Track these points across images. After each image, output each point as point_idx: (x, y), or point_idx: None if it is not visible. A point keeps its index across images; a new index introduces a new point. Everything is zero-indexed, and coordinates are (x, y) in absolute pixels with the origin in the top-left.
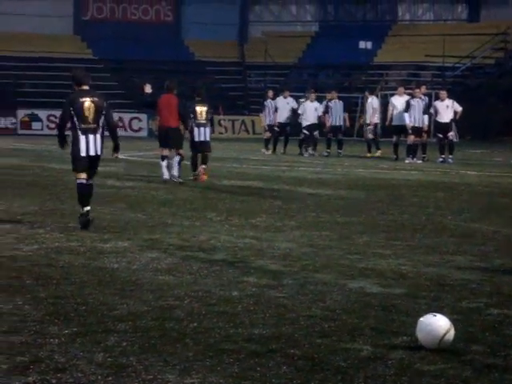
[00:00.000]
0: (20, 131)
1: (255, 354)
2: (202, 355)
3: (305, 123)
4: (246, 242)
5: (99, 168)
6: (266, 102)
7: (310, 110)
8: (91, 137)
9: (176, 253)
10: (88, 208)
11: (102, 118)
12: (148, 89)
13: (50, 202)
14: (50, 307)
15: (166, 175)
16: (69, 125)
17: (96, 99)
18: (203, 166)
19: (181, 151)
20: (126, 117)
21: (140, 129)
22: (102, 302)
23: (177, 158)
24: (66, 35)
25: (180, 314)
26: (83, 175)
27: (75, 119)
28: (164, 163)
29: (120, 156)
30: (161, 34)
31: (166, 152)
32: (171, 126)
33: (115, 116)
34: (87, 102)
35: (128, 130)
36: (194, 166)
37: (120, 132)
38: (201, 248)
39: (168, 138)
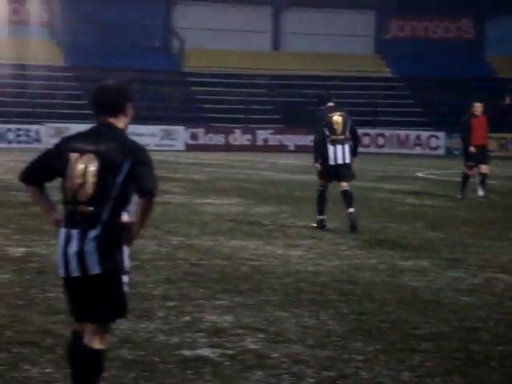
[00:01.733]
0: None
1: None
2: (510, 380)
3: None
4: None
5: (404, 186)
6: None
7: None
8: (339, 147)
9: (477, 273)
10: (352, 209)
11: (348, 130)
12: (508, 100)
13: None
14: (353, 323)
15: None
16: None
17: (343, 113)
18: None
19: (483, 169)
20: (424, 135)
21: (437, 147)
22: (404, 320)
23: (478, 177)
24: (367, 54)
25: (485, 336)
26: (325, 183)
27: (326, 132)
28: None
29: (420, 174)
30: (462, 52)
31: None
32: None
33: (413, 133)
34: (335, 117)
35: (426, 148)
36: None
37: (417, 149)
38: (503, 269)
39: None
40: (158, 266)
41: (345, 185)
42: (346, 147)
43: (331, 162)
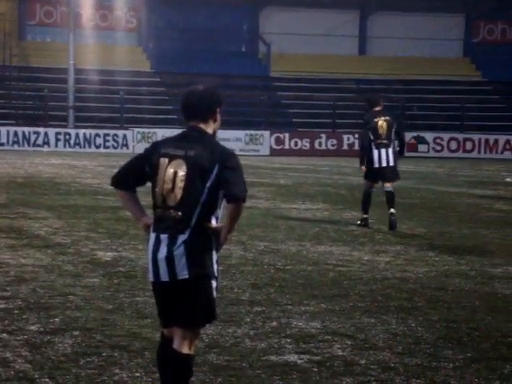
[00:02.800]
0: (406, 153)
1: None
2: None
3: None
4: None
5: None
6: None
7: None
8: (383, 150)
9: None
10: (393, 210)
11: (393, 134)
12: None
13: (437, 225)
14: (442, 330)
15: None
16: None
17: (388, 118)
18: None
19: None
20: None
21: None
22: (495, 328)
23: None
24: (455, 58)
25: None
26: (371, 185)
27: (371, 136)
28: None
29: (509, 179)
30: None
31: None
32: None
33: (502, 138)
34: (380, 121)
35: None
36: None
37: (507, 154)
38: None
39: None
40: (244, 271)
41: (388, 185)
42: (390, 150)
43: (376, 165)
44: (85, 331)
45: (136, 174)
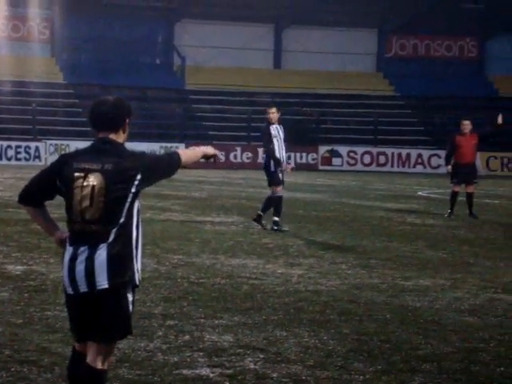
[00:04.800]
0: (321, 167)
1: None
2: None
3: None
4: None
5: None
6: None
7: None
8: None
9: (479, 293)
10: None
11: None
12: (500, 120)
13: (350, 238)
14: (353, 343)
15: None
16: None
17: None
18: None
19: (469, 189)
20: (426, 154)
21: (439, 166)
22: (405, 340)
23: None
24: (368, 72)
25: (486, 357)
26: (279, 188)
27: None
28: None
29: (421, 193)
30: (464, 71)
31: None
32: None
33: (414, 152)
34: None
35: (427, 166)
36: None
37: (419, 168)
38: (505, 289)
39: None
40: (157, 284)
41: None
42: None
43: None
44: None
45: (45, 189)
